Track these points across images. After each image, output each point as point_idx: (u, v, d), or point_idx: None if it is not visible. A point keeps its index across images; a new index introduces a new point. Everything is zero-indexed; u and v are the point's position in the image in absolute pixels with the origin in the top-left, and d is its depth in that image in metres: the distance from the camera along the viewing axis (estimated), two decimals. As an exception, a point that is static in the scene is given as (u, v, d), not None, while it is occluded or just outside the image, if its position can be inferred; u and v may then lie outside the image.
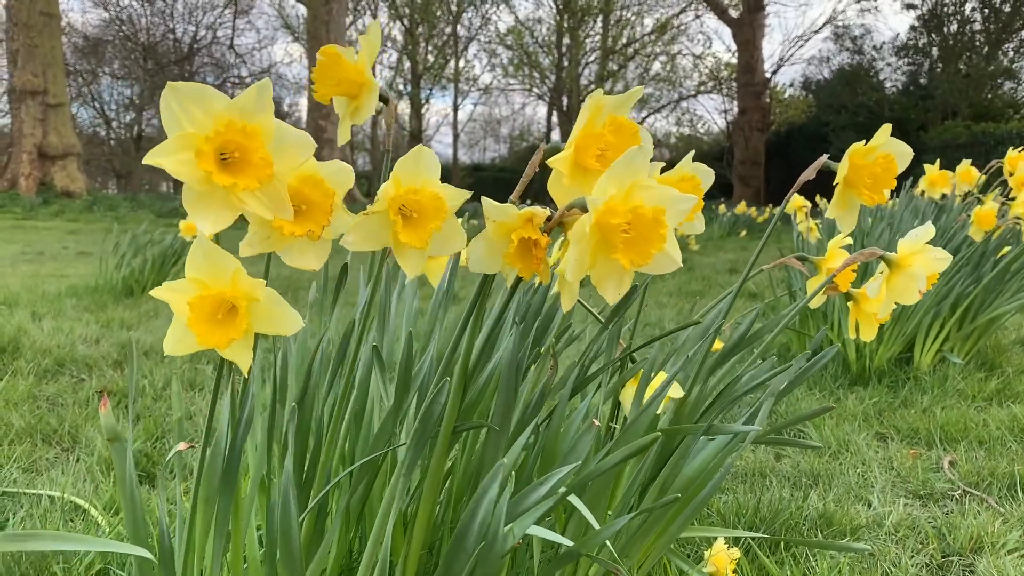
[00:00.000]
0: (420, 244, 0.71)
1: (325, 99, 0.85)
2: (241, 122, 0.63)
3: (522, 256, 0.71)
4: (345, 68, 0.83)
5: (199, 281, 0.69)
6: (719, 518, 1.48)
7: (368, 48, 0.84)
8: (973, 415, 2.12)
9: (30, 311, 3.30)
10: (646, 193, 0.65)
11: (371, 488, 0.95)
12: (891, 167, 0.86)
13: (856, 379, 2.51)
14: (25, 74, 13.27)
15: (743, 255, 7.58)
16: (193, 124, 0.62)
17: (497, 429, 0.87)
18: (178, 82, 0.61)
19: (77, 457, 1.69)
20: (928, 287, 0.98)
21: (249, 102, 0.63)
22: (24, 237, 8.23)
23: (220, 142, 0.63)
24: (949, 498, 1.64)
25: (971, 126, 16.13)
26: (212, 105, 0.62)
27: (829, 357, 1.04)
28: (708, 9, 23.22)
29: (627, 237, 0.64)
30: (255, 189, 0.64)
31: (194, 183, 0.63)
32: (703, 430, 0.91)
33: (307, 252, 0.74)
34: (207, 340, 0.69)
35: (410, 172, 0.71)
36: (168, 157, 0.62)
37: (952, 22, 20.06)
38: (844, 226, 0.92)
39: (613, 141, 0.72)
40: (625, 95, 0.74)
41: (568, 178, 0.73)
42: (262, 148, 0.64)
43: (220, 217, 0.65)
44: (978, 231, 2.28)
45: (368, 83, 0.85)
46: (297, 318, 0.72)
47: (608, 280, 0.68)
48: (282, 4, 26.73)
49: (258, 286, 0.69)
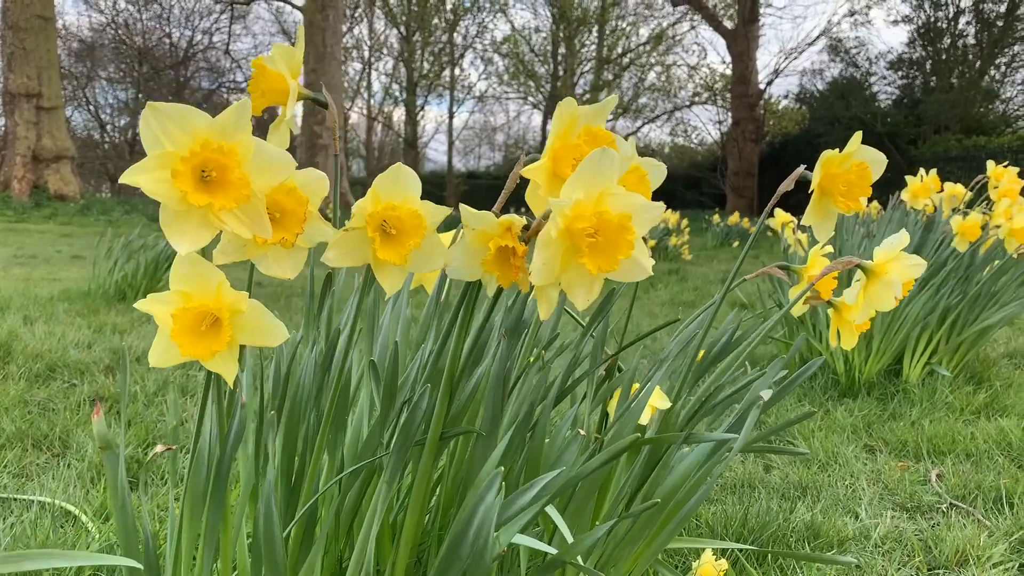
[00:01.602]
0: (399, 261, 0.72)
1: (258, 111, 0.85)
2: (218, 142, 0.63)
3: (500, 264, 0.72)
4: (269, 77, 0.84)
5: (183, 293, 0.69)
6: (707, 529, 1.49)
7: (285, 54, 0.84)
8: (961, 428, 2.13)
9: (22, 315, 3.29)
10: (612, 200, 0.66)
11: (362, 497, 0.95)
12: (865, 175, 0.87)
13: (845, 391, 2.52)
14: (19, 77, 13.25)
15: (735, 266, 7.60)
16: (172, 143, 0.63)
17: (484, 435, 0.88)
18: (159, 102, 0.62)
19: (68, 463, 1.70)
20: (904, 293, 1.00)
21: (228, 121, 0.64)
22: (17, 240, 8.21)
23: (198, 161, 0.63)
24: (936, 511, 1.66)
25: (963, 140, 16.23)
26: (192, 124, 0.63)
27: (815, 368, 1.05)
28: (703, 20, 23.32)
29: (593, 242, 0.65)
30: (232, 209, 0.65)
31: (170, 202, 0.63)
32: (683, 438, 0.92)
33: (282, 260, 0.75)
34: (190, 352, 0.69)
35: (389, 188, 0.71)
36: (145, 175, 0.62)
37: (946, 36, 20.19)
38: (821, 235, 0.93)
39: (588, 151, 0.73)
40: (600, 105, 0.75)
41: (545, 188, 0.74)
42: (239, 168, 0.64)
43: (198, 236, 0.65)
44: (963, 241, 2.30)
45: (297, 92, 0.85)
46: (282, 329, 0.72)
47: (578, 286, 0.69)
48: (279, 10, 26.78)
49: (242, 298, 0.70)
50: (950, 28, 20.09)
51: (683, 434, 0.94)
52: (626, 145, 0.76)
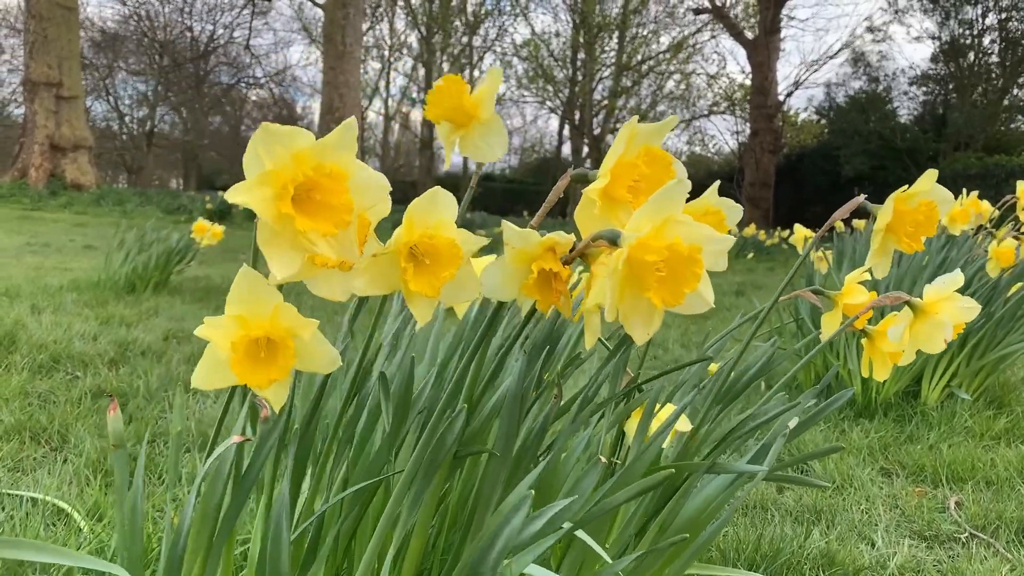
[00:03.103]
0: (432, 293, 0.67)
1: (437, 120, 0.82)
2: (330, 164, 0.59)
3: (541, 288, 0.67)
4: (462, 97, 0.81)
5: (239, 317, 0.65)
6: (719, 554, 1.44)
7: (490, 84, 0.82)
8: (981, 454, 2.07)
9: (30, 304, 3.27)
10: (682, 229, 0.62)
11: (363, 515, 0.91)
12: (933, 215, 0.82)
13: (862, 411, 2.46)
14: (40, 66, 13.31)
15: (750, 277, 7.54)
16: (274, 162, 0.58)
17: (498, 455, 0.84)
18: (273, 124, 0.57)
19: (65, 457, 1.66)
20: (954, 336, 0.95)
21: (334, 141, 0.59)
22: (31, 228, 8.23)
23: (305, 182, 0.59)
24: (955, 541, 1.60)
25: (983, 158, 16.09)
26: (297, 144, 0.58)
27: (844, 400, 1.00)
28: (724, 30, 23.26)
29: (661, 276, 0.60)
30: (334, 234, 0.60)
31: (272, 221, 0.59)
32: (706, 467, 0.87)
33: (334, 282, 0.71)
34: (248, 379, 0.65)
35: (424, 213, 0.67)
36: (249, 194, 0.58)
37: (970, 53, 20.05)
38: (879, 272, 0.88)
39: (647, 172, 0.69)
40: (660, 124, 0.70)
41: (600, 208, 0.70)
42: (346, 193, 0.60)
43: (291, 259, 0.61)
44: (995, 267, 2.24)
45: (480, 118, 0.82)
46: (336, 356, 0.69)
47: (636, 318, 0.64)
48: (300, 6, 26.86)
49: (303, 323, 0.66)
50: (974, 45, 19.95)
51: (707, 463, 0.89)
52: (681, 167, 0.72)
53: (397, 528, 0.79)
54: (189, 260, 4.27)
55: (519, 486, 0.77)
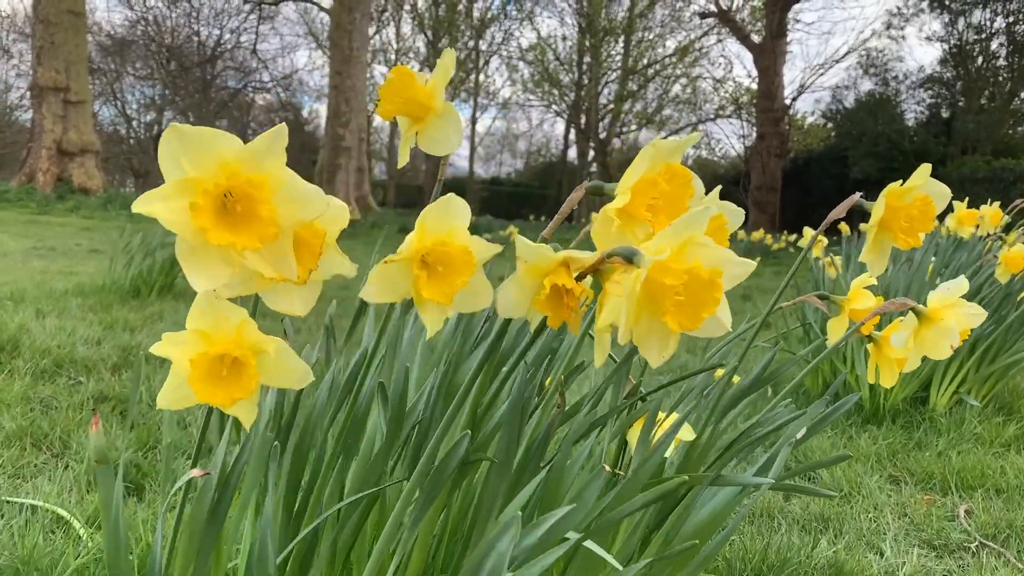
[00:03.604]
0: (444, 300, 0.65)
1: (388, 116, 0.81)
2: (247, 172, 0.56)
3: (553, 303, 0.65)
4: (414, 89, 0.79)
5: (201, 332, 0.63)
6: (724, 563, 1.42)
7: (442, 71, 0.81)
8: (991, 461, 2.05)
9: (35, 308, 3.27)
10: (703, 252, 0.60)
11: (361, 526, 0.89)
12: (929, 210, 0.80)
13: (869, 418, 2.44)
14: (48, 71, 13.36)
15: (756, 281, 7.50)
16: (195, 168, 0.55)
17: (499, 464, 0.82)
18: (183, 125, 0.55)
19: (66, 464, 1.65)
20: (959, 343, 0.93)
21: (261, 148, 0.56)
22: (37, 232, 8.25)
23: (222, 192, 0.56)
24: (965, 550, 1.58)
25: (991, 161, 16.01)
26: (219, 150, 0.55)
27: (850, 404, 0.98)
28: (730, 34, 23.22)
29: (679, 300, 0.58)
30: (257, 248, 0.57)
31: (188, 236, 0.56)
32: (712, 479, 0.85)
33: (292, 295, 0.68)
34: (209, 398, 0.63)
35: (438, 221, 0.65)
36: (163, 203, 0.55)
37: (977, 56, 19.97)
38: (875, 270, 0.86)
39: (667, 189, 0.67)
40: (681, 141, 0.69)
41: (618, 226, 0.68)
42: (268, 203, 0.57)
43: (216, 273, 0.58)
44: (1005, 272, 2.21)
45: (435, 108, 0.81)
46: (307, 371, 0.67)
47: (652, 341, 0.62)
48: (307, 11, 26.91)
49: (266, 340, 0.64)
50: (982, 49, 19.87)
51: (713, 475, 0.87)
52: (700, 183, 0.71)
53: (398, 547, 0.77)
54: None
55: (517, 496, 0.75)
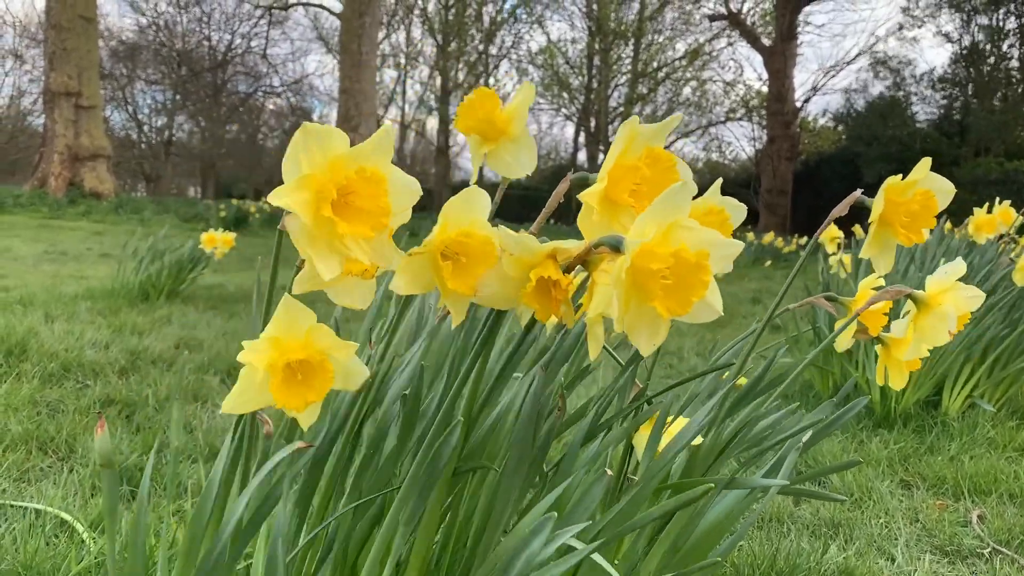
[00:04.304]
0: (468, 291, 0.66)
1: (467, 132, 0.82)
2: (369, 168, 0.59)
3: (540, 296, 0.64)
4: (495, 112, 0.80)
5: (275, 339, 0.65)
6: (732, 569, 1.40)
7: (521, 100, 0.81)
8: (1004, 466, 2.02)
9: (44, 312, 3.27)
10: (688, 235, 0.59)
11: (372, 529, 0.88)
12: (930, 204, 0.79)
13: (881, 422, 2.41)
14: (60, 76, 13.43)
15: (767, 284, 7.47)
16: (311, 165, 0.58)
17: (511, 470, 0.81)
18: (311, 123, 0.57)
19: (71, 467, 1.65)
20: (959, 328, 0.91)
21: (372, 146, 0.60)
22: (49, 236, 8.28)
23: (341, 186, 0.59)
24: (978, 556, 1.56)
25: (1004, 163, 15.91)
26: (335, 148, 0.58)
27: (859, 408, 0.96)
28: (741, 36, 23.17)
29: (667, 284, 0.57)
30: (370, 238, 0.61)
31: (311, 224, 0.59)
32: (724, 484, 0.84)
33: (354, 290, 0.72)
34: (286, 403, 0.65)
35: (460, 213, 0.66)
36: (289, 197, 0.58)
37: (990, 57, 19.85)
38: (880, 267, 0.85)
39: (649, 175, 0.66)
40: (661, 124, 0.67)
41: (598, 213, 0.67)
42: (384, 196, 0.60)
43: (333, 262, 0.61)
44: (1022, 275, 2.18)
45: (510, 134, 0.81)
46: (365, 372, 0.70)
47: (641, 329, 0.61)
48: (317, 16, 27.01)
49: (343, 345, 0.67)
50: (994, 50, 19.76)
51: (723, 479, 0.86)
52: (687, 169, 0.69)
53: (394, 544, 0.76)
54: (202, 268, 4.28)
55: (536, 507, 0.74)
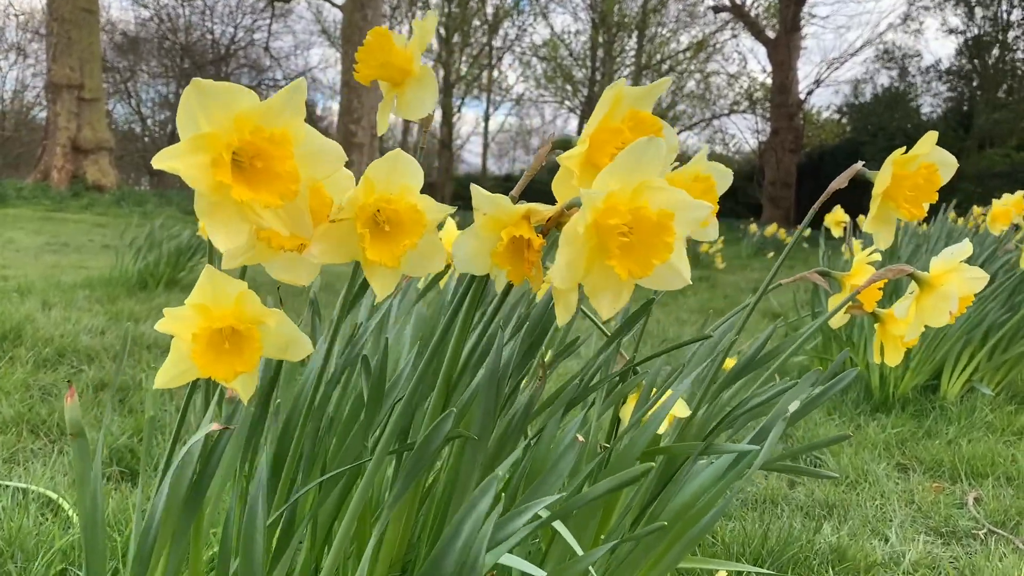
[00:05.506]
0: (391, 263, 0.62)
1: (366, 80, 0.78)
2: (270, 128, 0.54)
3: (512, 257, 0.62)
4: (392, 52, 0.77)
5: (201, 307, 0.63)
6: (723, 547, 1.39)
7: (420, 35, 0.78)
8: (1001, 450, 2.01)
9: (41, 300, 3.27)
10: (653, 194, 0.56)
11: (341, 504, 0.87)
12: (934, 178, 0.77)
13: (879, 406, 2.40)
14: (63, 68, 13.41)
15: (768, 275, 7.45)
16: (212, 124, 0.54)
17: (476, 439, 0.80)
18: (204, 79, 0.53)
19: (61, 449, 1.64)
20: (961, 310, 0.90)
21: (280, 104, 0.55)
22: (51, 228, 8.28)
23: (241, 147, 0.55)
24: (973, 537, 1.54)
25: (1010, 155, 15.84)
26: (238, 105, 0.54)
27: (849, 380, 0.95)
28: (744, 28, 23.07)
29: (625, 242, 0.55)
30: (278, 206, 0.56)
31: (208, 192, 0.55)
32: (700, 449, 0.83)
33: (295, 265, 0.67)
34: (211, 371, 0.63)
35: (385, 177, 0.62)
36: (181, 160, 0.54)
37: (995, 49, 19.75)
38: (880, 242, 0.83)
39: (632, 139, 0.64)
40: (649, 86, 0.65)
41: (579, 178, 0.65)
42: (290, 159, 0.55)
43: (236, 230, 0.57)
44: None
45: (413, 72, 0.78)
46: (307, 343, 0.66)
47: (603, 292, 0.59)
48: (320, 9, 26.96)
49: (269, 312, 0.64)
50: (999, 41, 19.66)
51: (700, 444, 0.84)
52: (673, 135, 0.67)
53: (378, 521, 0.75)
54: (201, 257, 4.28)
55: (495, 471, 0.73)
